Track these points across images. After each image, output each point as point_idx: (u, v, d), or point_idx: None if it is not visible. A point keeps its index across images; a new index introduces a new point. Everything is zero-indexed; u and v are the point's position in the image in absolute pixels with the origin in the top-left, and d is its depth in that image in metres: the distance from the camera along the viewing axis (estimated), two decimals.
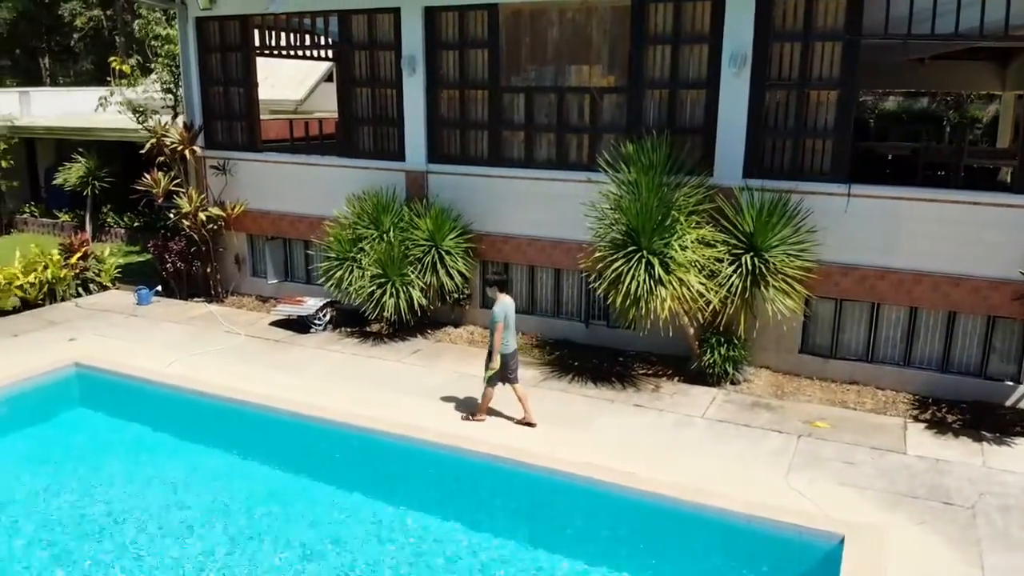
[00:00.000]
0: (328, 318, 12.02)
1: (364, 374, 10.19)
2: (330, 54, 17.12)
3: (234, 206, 13.33)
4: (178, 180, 13.67)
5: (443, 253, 11.04)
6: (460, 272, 11.17)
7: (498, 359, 8.47)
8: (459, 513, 7.56)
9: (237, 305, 13.47)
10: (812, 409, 9.17)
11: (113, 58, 18.25)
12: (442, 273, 11.02)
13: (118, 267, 14.99)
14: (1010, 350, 9.27)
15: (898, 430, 8.63)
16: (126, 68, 17.64)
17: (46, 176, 20.87)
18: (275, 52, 15.76)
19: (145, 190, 13.66)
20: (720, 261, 9.43)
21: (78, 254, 14.02)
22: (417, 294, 11.00)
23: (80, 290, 13.95)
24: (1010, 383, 9.27)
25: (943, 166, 13.94)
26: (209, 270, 13.67)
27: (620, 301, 9.22)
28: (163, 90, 17.37)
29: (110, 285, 14.42)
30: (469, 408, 8.97)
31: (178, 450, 8.99)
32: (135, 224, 18.98)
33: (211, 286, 13.73)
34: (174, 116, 16.63)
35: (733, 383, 9.78)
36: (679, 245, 9.19)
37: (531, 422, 8.59)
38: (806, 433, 8.52)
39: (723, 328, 9.69)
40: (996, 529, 6.76)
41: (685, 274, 9.15)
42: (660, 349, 10.52)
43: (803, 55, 9.61)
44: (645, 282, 9.00)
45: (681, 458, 7.92)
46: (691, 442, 8.32)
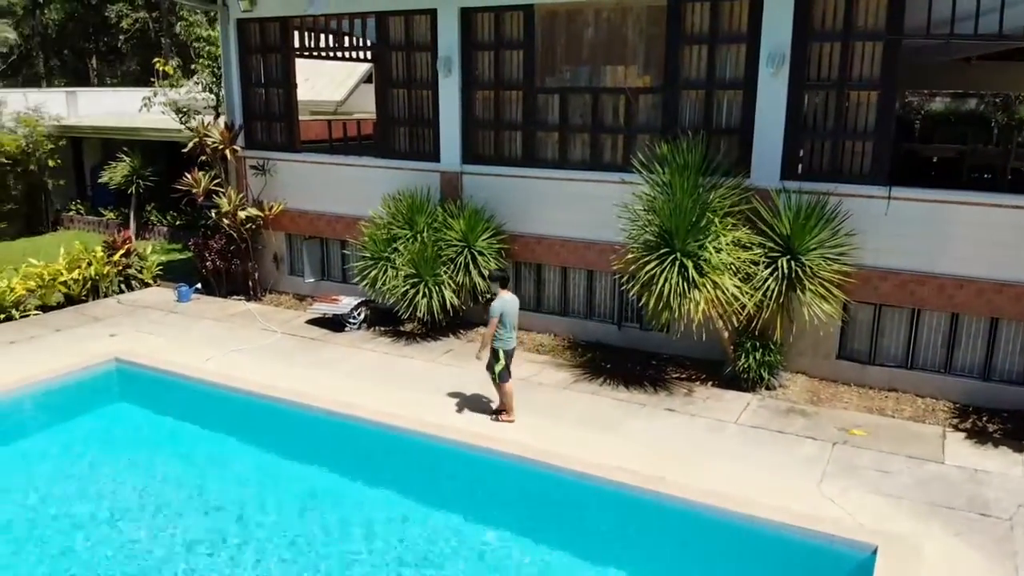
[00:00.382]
0: (362, 317, 12.11)
1: (396, 373, 10.24)
2: (368, 55, 17.28)
3: (272, 206, 13.50)
4: (218, 180, 13.87)
5: (476, 254, 11.05)
6: None
7: (487, 352, 8.55)
8: (483, 513, 7.57)
9: (275, 303, 13.64)
10: (848, 416, 9.00)
11: (157, 59, 18.62)
12: (475, 273, 11.03)
13: (160, 264, 15.25)
14: None
15: (936, 439, 8.43)
16: (169, 69, 17.98)
17: (92, 174, 21.36)
18: (314, 54, 15.97)
19: (186, 189, 13.88)
20: (756, 264, 9.29)
21: (121, 251, 14.30)
22: (450, 294, 11.02)
23: (122, 287, 14.23)
24: None
25: (990, 169, 13.60)
26: (248, 268, 13.85)
27: (653, 303, 9.14)
28: (205, 90, 17.66)
29: (151, 282, 14.68)
30: (497, 409, 8.97)
31: (212, 444, 9.15)
32: (177, 222, 19.33)
33: (250, 284, 13.91)
34: (215, 116, 16.90)
35: (768, 388, 9.63)
36: (714, 247, 9.07)
37: (512, 420, 8.75)
38: (841, 440, 8.36)
39: (758, 332, 9.55)
40: None
41: (719, 277, 9.03)
42: (694, 353, 10.41)
43: (843, 55, 9.44)
44: (678, 284, 8.90)
45: (712, 464, 7.82)
46: (723, 448, 8.22)
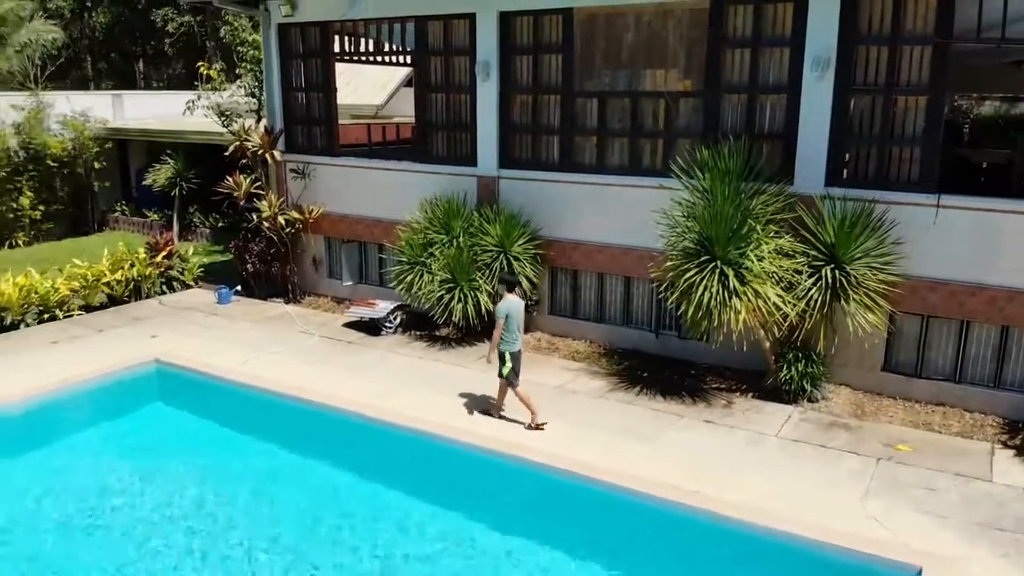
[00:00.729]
0: (398, 321, 12.11)
1: (429, 378, 10.19)
2: (408, 60, 17.31)
3: (312, 209, 13.57)
4: (259, 183, 13.99)
5: (511, 259, 10.98)
6: (528, 278, 11.08)
7: (496, 355, 8.63)
8: (510, 523, 7.49)
9: (313, 306, 13.71)
10: (893, 431, 8.73)
11: (201, 63, 18.87)
12: None
13: (201, 266, 15.43)
14: None
15: (985, 456, 8.14)
16: (212, 73, 18.20)
17: (137, 176, 21.73)
18: (354, 58, 16.03)
19: (227, 192, 14.02)
20: (799, 273, 9.08)
21: (163, 253, 14.50)
22: (485, 299, 10.95)
23: (164, 288, 14.42)
24: None
25: None
26: (287, 271, 13.94)
27: (692, 312, 8.97)
28: (247, 94, 17.84)
29: (193, 284, 14.86)
30: (528, 416, 8.84)
31: (247, 446, 9.21)
32: (219, 225, 19.55)
33: (289, 287, 14.00)
34: (258, 120, 17.05)
35: (810, 401, 9.40)
36: (755, 255, 8.88)
37: (495, 416, 8.90)
38: (886, 456, 8.11)
39: (801, 343, 9.33)
40: None
41: (761, 285, 8.84)
42: (734, 363, 10.21)
43: (890, 59, 9.19)
44: (719, 293, 8.73)
45: (751, 478, 7.64)
46: (763, 462, 8.02)
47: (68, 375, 10.15)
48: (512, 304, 8.68)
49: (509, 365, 8.61)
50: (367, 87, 22.02)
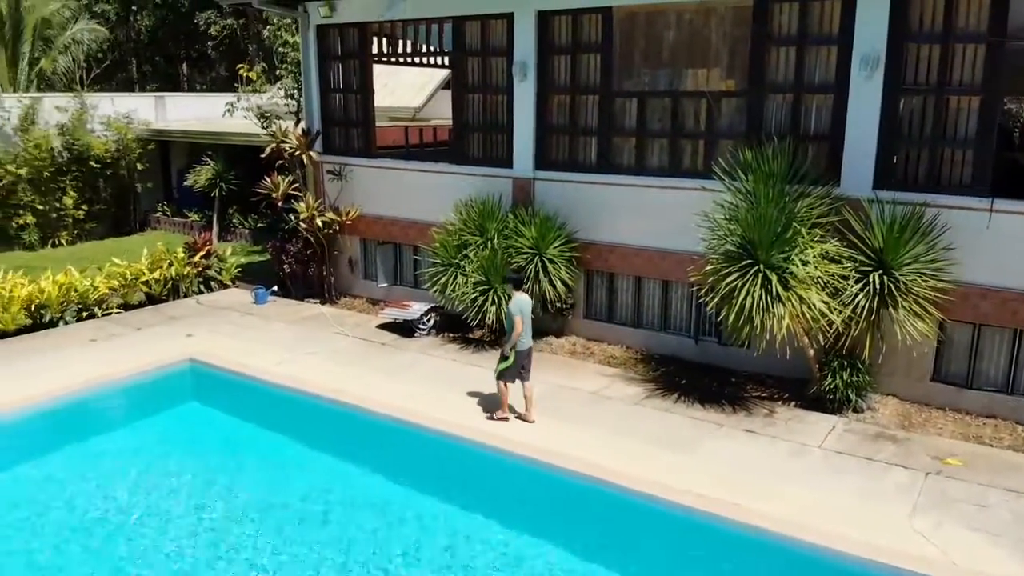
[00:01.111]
0: (432, 323, 12.02)
1: (461, 381, 10.05)
2: (445, 61, 17.25)
3: (349, 211, 13.55)
4: (296, 184, 14.01)
5: (546, 262, 10.81)
6: (563, 281, 10.90)
7: (513, 354, 8.63)
8: (538, 528, 7.34)
9: (348, 307, 13.69)
10: (943, 443, 8.39)
11: (241, 65, 19.02)
12: (544, 282, 10.78)
13: (239, 267, 15.51)
14: None
15: None
16: (253, 75, 18.31)
17: (178, 177, 21.97)
18: (392, 59, 16.00)
19: (265, 193, 14.06)
20: (845, 278, 8.80)
21: (201, 253, 14.59)
22: None
23: (202, 287, 14.50)
24: None
25: None
26: (323, 272, 13.95)
27: (733, 318, 8.72)
28: (287, 96, 17.92)
29: (230, 284, 14.93)
30: (492, 411, 8.98)
31: (278, 446, 9.19)
32: (258, 225, 19.67)
33: (325, 288, 14.00)
34: (297, 122, 17.10)
35: (855, 411, 9.08)
36: (800, 260, 8.62)
37: (530, 419, 8.80)
38: (935, 470, 7.79)
39: (846, 351, 9.02)
40: None
41: (805, 291, 8.56)
42: (776, 371, 9.92)
43: (942, 58, 8.87)
44: (761, 298, 8.48)
45: (793, 491, 7.37)
46: (805, 474, 7.74)
47: (104, 372, 10.23)
48: (524, 302, 8.74)
49: (510, 362, 8.68)
50: (405, 90, 22.01)
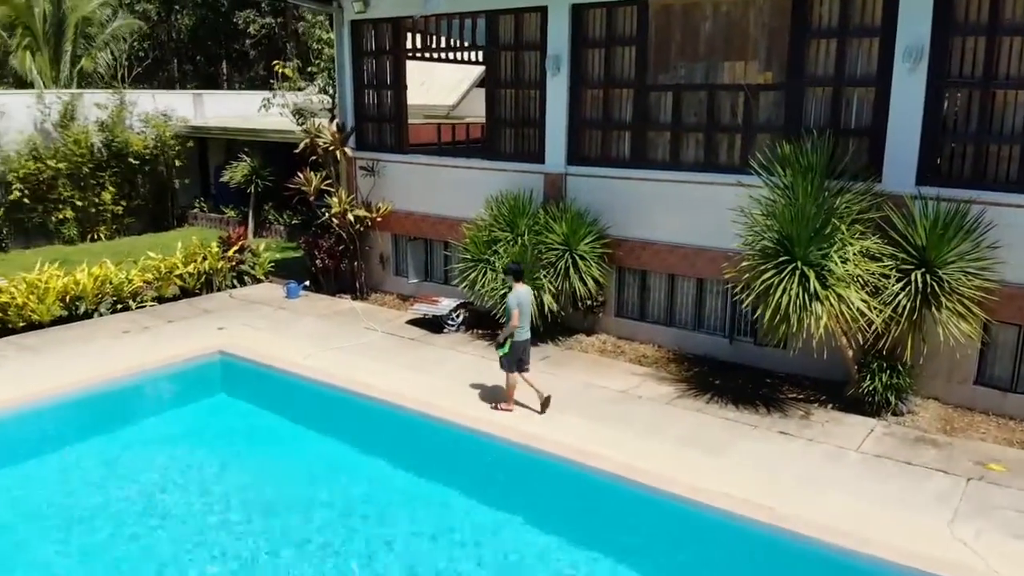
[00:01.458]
0: (461, 319, 11.93)
1: (489, 377, 9.91)
2: (479, 57, 17.15)
3: (380, 207, 13.52)
4: (329, 180, 14.01)
5: (577, 258, 10.64)
6: (594, 278, 10.73)
7: (509, 344, 8.72)
8: (569, 531, 7.17)
9: (379, 302, 13.66)
10: (985, 448, 8.07)
11: (276, 62, 19.12)
12: (575, 279, 10.62)
13: (273, 262, 15.56)
14: None
15: None
16: (288, 72, 18.39)
17: (215, 173, 22.19)
18: (426, 55, 15.95)
19: (297, 188, 14.09)
20: (886, 277, 8.51)
21: (235, 247, 14.66)
22: (548, 299, 10.65)
23: (235, 281, 14.57)
24: None
25: None
26: (355, 267, 13.95)
27: (769, 316, 8.50)
28: (321, 92, 17.97)
29: (263, 278, 14.99)
30: (501, 407, 8.95)
31: (304, 438, 9.19)
32: (293, 222, 19.78)
33: (356, 283, 14.00)
34: (331, 118, 17.15)
35: (895, 414, 8.78)
36: (839, 257, 8.37)
37: (509, 408, 8.91)
38: (977, 476, 7.49)
39: (886, 352, 8.72)
40: None
41: (844, 289, 8.30)
42: (813, 372, 9.65)
43: (988, 50, 8.56)
44: (798, 296, 8.24)
45: (829, 495, 7.12)
46: (842, 478, 7.48)
47: (135, 364, 10.29)
48: (523, 295, 8.77)
49: (507, 351, 8.73)
50: (439, 87, 21.98)
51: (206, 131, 21.80)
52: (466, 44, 16.50)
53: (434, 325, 11.94)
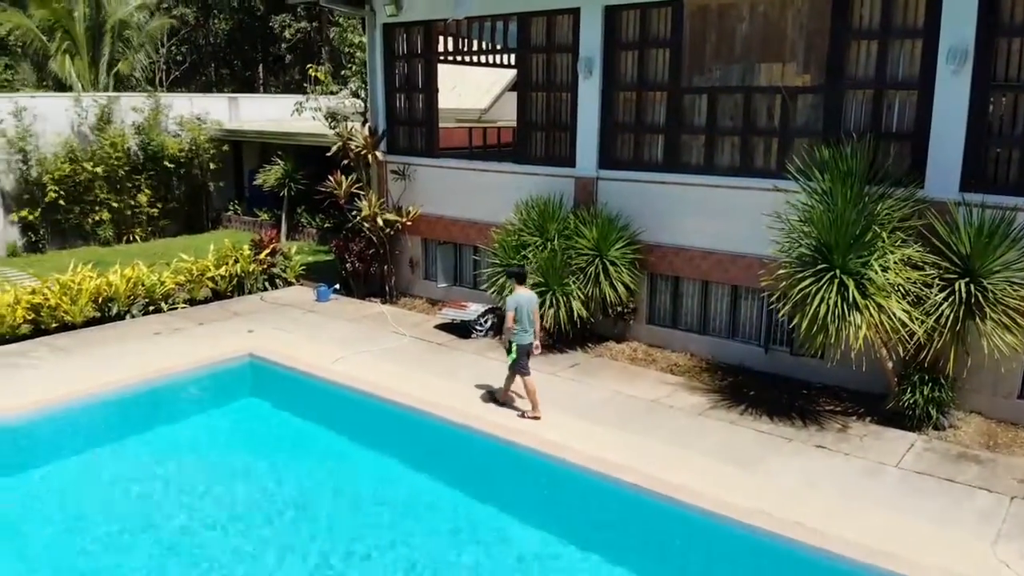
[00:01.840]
0: (489, 324, 11.80)
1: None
2: (509, 59, 17.06)
3: (411, 210, 13.46)
4: (360, 183, 13.98)
5: (608, 263, 10.45)
6: (625, 284, 10.53)
7: (515, 349, 8.71)
8: (590, 542, 7.03)
9: (408, 307, 13.59)
10: None
11: (310, 65, 19.18)
12: (605, 285, 10.44)
13: (304, 265, 15.58)
14: None
15: None
16: (321, 75, 18.44)
17: (249, 177, 22.32)
18: (457, 58, 15.89)
19: (328, 191, 14.07)
20: (928, 286, 8.22)
21: (266, 251, 14.69)
22: (578, 305, 10.48)
23: (266, 284, 14.60)
24: None
25: None
26: (385, 271, 13.89)
27: (806, 326, 8.24)
28: (353, 96, 17.98)
29: (294, 281, 15.00)
30: (528, 415, 8.83)
31: (330, 443, 9.15)
32: (325, 225, 19.81)
33: (386, 287, 13.94)
34: (364, 122, 17.13)
35: (936, 428, 8.48)
36: (879, 265, 8.11)
37: (536, 416, 8.71)
38: (1021, 495, 7.18)
39: (928, 364, 8.41)
40: None
41: (885, 299, 8.03)
42: (851, 384, 9.37)
43: None
44: (837, 306, 7.98)
45: (867, 513, 6.86)
46: (880, 495, 7.21)
47: (165, 366, 10.32)
48: (521, 297, 8.76)
49: (515, 355, 8.71)
50: (471, 91, 21.92)
51: (241, 134, 21.95)
52: (498, 47, 16.45)
53: (462, 330, 11.82)
